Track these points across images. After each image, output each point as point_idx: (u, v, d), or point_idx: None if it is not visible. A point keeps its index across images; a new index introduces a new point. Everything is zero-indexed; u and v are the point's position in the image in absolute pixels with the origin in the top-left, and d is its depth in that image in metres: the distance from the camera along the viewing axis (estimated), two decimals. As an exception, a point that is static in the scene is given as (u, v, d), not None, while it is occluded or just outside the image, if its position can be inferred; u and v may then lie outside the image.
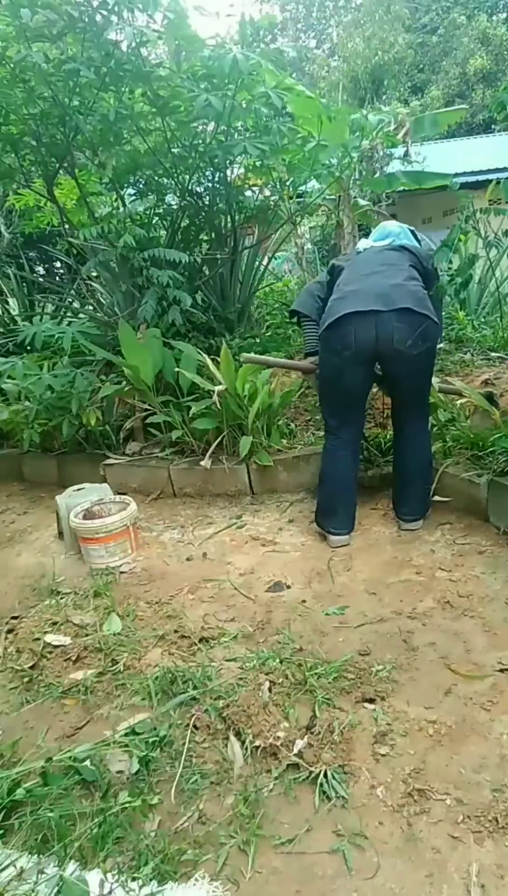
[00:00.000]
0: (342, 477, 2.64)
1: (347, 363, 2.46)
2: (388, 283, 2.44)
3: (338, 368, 2.50)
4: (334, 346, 2.48)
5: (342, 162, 3.95)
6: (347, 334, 2.41)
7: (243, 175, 4.09)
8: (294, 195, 4.41)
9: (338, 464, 2.63)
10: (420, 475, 2.65)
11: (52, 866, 1.32)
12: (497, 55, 19.30)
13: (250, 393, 3.10)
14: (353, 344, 2.41)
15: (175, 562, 2.68)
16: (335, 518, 2.63)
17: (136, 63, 3.11)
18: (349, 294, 2.46)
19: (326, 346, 2.54)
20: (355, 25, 20.94)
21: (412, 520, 2.67)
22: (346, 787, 1.47)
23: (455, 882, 1.25)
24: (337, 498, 2.63)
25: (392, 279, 2.46)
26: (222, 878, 1.30)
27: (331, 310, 2.49)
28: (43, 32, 2.94)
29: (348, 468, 2.65)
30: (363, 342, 2.40)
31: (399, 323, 2.35)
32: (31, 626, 2.25)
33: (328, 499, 2.65)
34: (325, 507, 2.66)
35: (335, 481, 2.64)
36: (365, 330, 2.38)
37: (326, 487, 2.66)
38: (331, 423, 2.66)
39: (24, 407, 3.55)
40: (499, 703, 1.69)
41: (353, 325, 2.40)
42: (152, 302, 3.48)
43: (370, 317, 2.37)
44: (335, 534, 2.62)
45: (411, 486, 2.67)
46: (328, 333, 2.49)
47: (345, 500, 2.65)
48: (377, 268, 2.54)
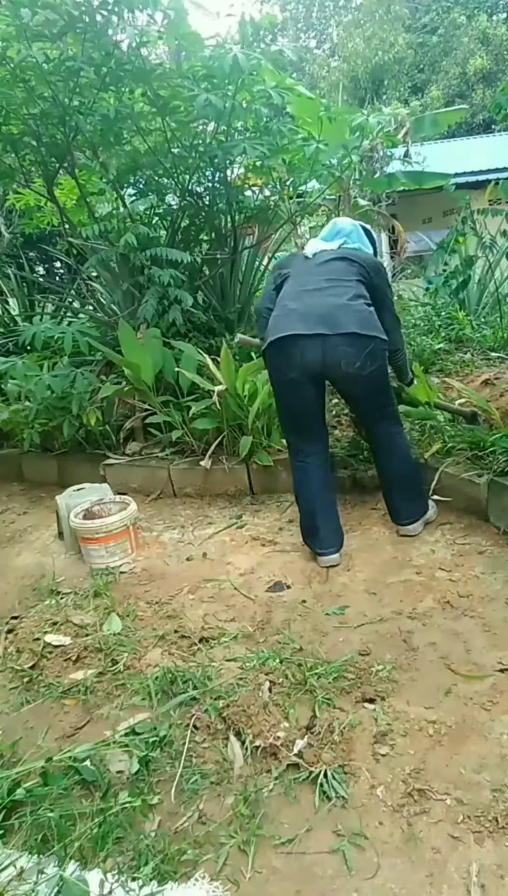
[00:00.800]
0: (314, 494, 2.51)
1: (294, 383, 2.37)
2: (333, 302, 2.32)
3: (286, 387, 2.41)
4: (279, 365, 2.38)
5: (343, 162, 3.95)
6: (291, 356, 2.31)
7: (243, 175, 4.09)
8: (294, 195, 4.41)
9: (307, 482, 2.52)
10: (404, 477, 2.57)
11: (52, 866, 1.32)
12: (497, 55, 19.32)
13: (250, 393, 3.10)
14: (299, 365, 2.32)
15: (175, 562, 2.68)
16: (317, 538, 2.50)
17: (136, 63, 3.12)
18: (292, 313, 2.34)
19: (270, 364, 2.43)
20: (355, 25, 20.95)
21: (408, 523, 2.58)
22: (346, 787, 1.47)
23: (455, 882, 1.25)
24: (316, 516, 2.50)
25: (337, 298, 2.33)
26: (222, 878, 1.30)
27: (274, 326, 2.36)
28: (43, 32, 2.94)
29: (318, 484, 2.52)
30: (309, 364, 2.30)
31: (346, 346, 2.27)
32: (31, 626, 2.25)
33: (308, 517, 2.53)
34: (307, 526, 2.54)
35: (309, 500, 2.52)
36: (311, 352, 2.28)
37: (302, 507, 2.55)
38: (290, 440, 2.57)
39: (25, 407, 3.55)
40: (499, 703, 1.69)
41: (299, 347, 2.29)
42: (153, 301, 3.48)
43: (315, 340, 2.27)
44: (322, 554, 2.49)
45: (397, 490, 2.59)
46: (270, 351, 2.38)
47: (325, 518, 2.50)
48: (320, 283, 2.39)
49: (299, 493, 2.57)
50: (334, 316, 2.29)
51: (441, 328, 4.28)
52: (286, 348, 2.32)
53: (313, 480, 2.52)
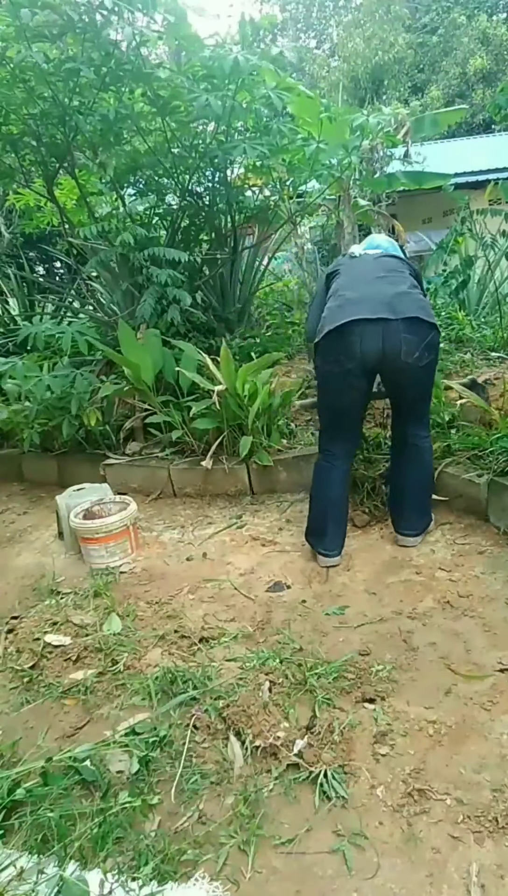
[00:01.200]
0: (333, 498, 2.49)
1: (348, 375, 2.29)
2: (393, 290, 2.29)
3: (337, 380, 2.34)
4: (335, 356, 2.29)
5: (343, 162, 3.95)
6: (351, 344, 2.23)
7: (243, 175, 4.09)
8: (294, 195, 4.41)
9: (329, 484, 2.48)
10: (421, 489, 2.51)
11: (53, 866, 1.32)
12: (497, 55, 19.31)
13: (250, 393, 3.10)
14: (358, 354, 2.23)
15: (175, 562, 2.68)
16: (324, 539, 2.49)
17: (136, 63, 3.12)
18: (351, 301, 2.29)
19: (325, 356, 2.35)
20: (355, 25, 20.94)
21: (410, 535, 2.53)
22: (346, 787, 1.47)
23: (455, 882, 1.25)
24: (327, 518, 2.48)
25: (397, 286, 2.31)
26: (222, 878, 1.30)
27: (330, 316, 2.30)
28: (43, 32, 2.94)
29: (339, 489, 2.50)
30: (368, 353, 2.23)
31: (408, 334, 2.21)
32: (31, 626, 2.25)
33: (318, 519, 2.51)
34: (315, 527, 2.52)
35: (326, 502, 2.49)
36: (371, 340, 2.21)
37: (316, 507, 2.52)
38: (324, 438, 2.53)
39: (24, 407, 3.55)
40: (499, 703, 1.69)
41: (358, 335, 2.22)
42: (151, 301, 3.48)
43: (377, 325, 2.20)
44: (324, 555, 2.48)
45: (410, 500, 2.53)
46: (327, 342, 2.30)
47: (336, 521, 2.49)
48: (379, 273, 2.39)
49: (316, 493, 2.52)
50: (395, 303, 2.24)
51: (441, 328, 4.27)
52: (346, 336, 2.23)
53: (334, 484, 2.48)
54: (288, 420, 3.43)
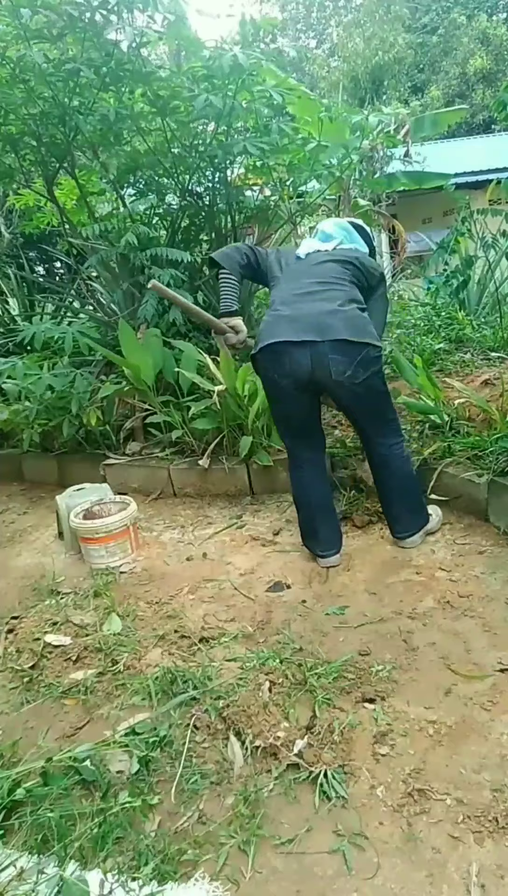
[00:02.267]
0: (313, 498, 2.48)
1: (287, 389, 2.30)
2: (324, 308, 2.24)
3: (278, 393, 2.35)
4: (270, 372, 2.31)
5: (343, 162, 3.95)
6: (281, 363, 2.25)
7: (243, 175, 4.09)
8: (294, 195, 4.41)
9: (305, 487, 2.49)
10: (402, 491, 2.49)
11: (53, 866, 1.32)
12: (497, 55, 19.32)
13: (250, 393, 3.10)
14: (290, 373, 2.24)
15: (175, 562, 2.68)
16: (317, 540, 2.49)
17: (136, 63, 3.12)
18: (282, 319, 2.27)
19: (262, 370, 2.35)
20: (355, 25, 20.95)
21: (405, 536, 2.51)
22: (346, 787, 1.47)
23: (455, 882, 1.25)
24: (315, 520, 2.48)
25: (328, 303, 2.25)
26: (222, 878, 1.30)
27: (264, 331, 2.30)
28: (43, 32, 2.94)
29: (316, 489, 2.48)
30: (299, 372, 2.23)
31: (335, 355, 2.17)
32: (31, 626, 2.25)
33: (306, 522, 2.51)
34: (306, 531, 2.52)
35: (308, 504, 2.49)
36: (300, 360, 2.20)
37: (300, 512, 2.52)
38: (286, 444, 2.52)
39: (24, 407, 3.55)
40: (499, 703, 1.69)
41: (287, 355, 2.22)
42: (153, 301, 3.48)
43: (303, 347, 2.19)
44: (322, 556, 2.48)
45: (396, 504, 2.51)
46: (261, 357, 2.31)
47: (324, 521, 2.48)
48: (312, 286, 2.31)
49: (297, 498, 2.54)
50: (324, 322, 2.20)
51: (441, 328, 4.27)
52: (277, 355, 2.25)
53: (311, 485, 2.48)
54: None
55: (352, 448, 3.07)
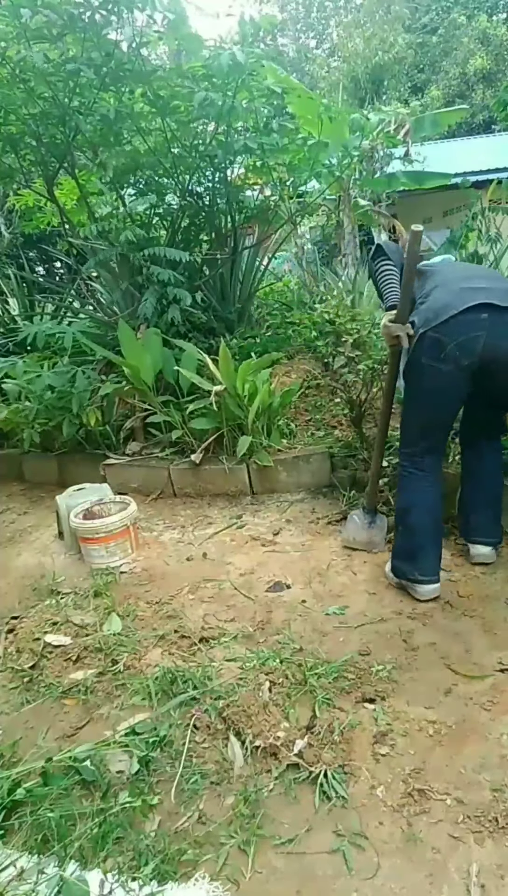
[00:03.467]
0: (431, 509, 2.18)
1: (461, 375, 2.01)
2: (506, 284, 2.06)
3: (448, 381, 2.03)
4: (450, 352, 1.97)
5: (343, 162, 3.96)
6: (473, 339, 1.95)
7: (243, 175, 4.10)
8: (294, 195, 4.41)
9: (426, 493, 2.17)
10: (499, 497, 2.33)
11: (53, 866, 1.32)
12: (498, 55, 19.30)
13: (249, 393, 3.10)
14: (478, 351, 1.96)
15: (175, 562, 2.68)
16: (425, 562, 2.16)
17: (136, 63, 3.12)
18: (467, 290, 1.99)
19: (434, 352, 2.00)
20: (355, 25, 20.94)
21: (493, 544, 2.35)
22: (346, 787, 1.47)
23: (455, 882, 1.25)
24: (426, 535, 2.17)
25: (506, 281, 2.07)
26: (222, 878, 1.30)
27: (447, 303, 1.98)
28: (43, 32, 2.94)
29: (437, 498, 2.19)
30: (488, 351, 1.96)
31: None
32: (32, 626, 2.25)
33: (418, 537, 2.17)
34: (412, 549, 2.18)
35: (425, 515, 2.17)
36: (498, 335, 1.95)
37: (413, 524, 2.18)
38: (419, 446, 2.17)
39: (25, 407, 3.55)
40: (499, 703, 1.69)
41: (483, 328, 1.94)
42: (152, 300, 3.48)
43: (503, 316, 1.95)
44: (426, 582, 2.15)
45: (491, 509, 2.34)
46: (440, 335, 1.98)
47: (437, 540, 2.20)
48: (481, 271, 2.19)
49: (412, 507, 2.19)
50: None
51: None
52: (467, 330, 1.95)
53: (434, 498, 2.19)
54: (288, 420, 3.43)
55: (353, 448, 3.07)
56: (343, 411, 3.34)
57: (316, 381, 3.70)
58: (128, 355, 3.29)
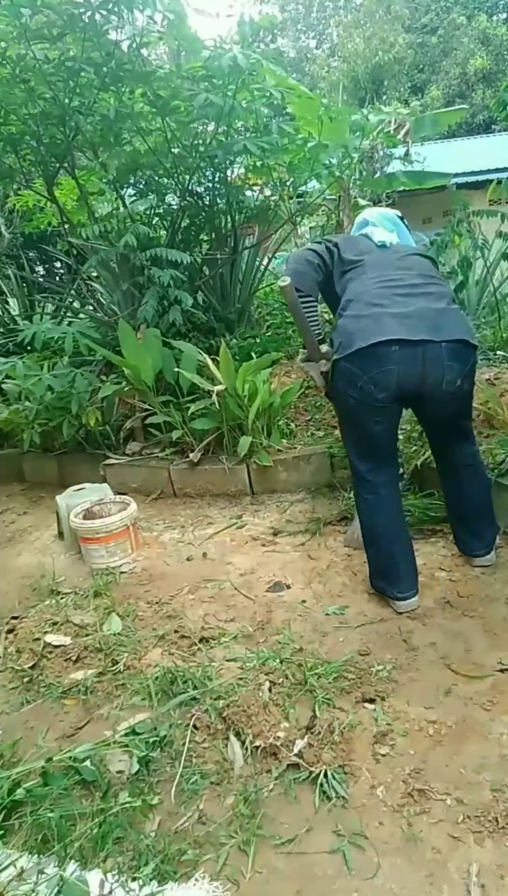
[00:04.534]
0: (393, 529, 2.13)
1: (382, 402, 1.95)
2: (433, 305, 1.95)
3: (369, 410, 1.98)
4: (363, 385, 1.93)
5: (343, 162, 3.95)
6: (386, 373, 1.89)
7: (243, 175, 4.10)
8: (294, 195, 4.40)
9: (384, 518, 2.13)
10: (483, 504, 2.26)
11: (53, 866, 1.31)
12: (498, 55, 19.32)
13: (250, 393, 3.10)
14: (394, 385, 1.91)
15: (175, 562, 2.68)
16: (396, 579, 2.11)
17: (136, 63, 3.12)
18: (386, 315, 1.92)
19: (350, 382, 1.96)
20: (355, 25, 20.94)
21: (485, 553, 2.31)
22: (346, 787, 1.47)
23: (455, 882, 1.25)
24: (396, 555, 2.12)
25: (437, 301, 1.97)
26: (222, 878, 1.30)
27: (357, 331, 1.94)
28: (43, 32, 2.94)
29: (396, 516, 2.15)
30: (405, 383, 1.90)
31: (452, 361, 1.90)
32: (32, 626, 2.25)
33: (386, 559, 2.14)
34: (384, 569, 2.15)
35: (388, 537, 2.13)
36: (410, 367, 1.88)
37: (379, 547, 2.15)
38: (361, 469, 2.13)
39: (25, 407, 3.55)
40: (499, 703, 1.69)
41: (395, 362, 1.88)
42: (153, 302, 3.48)
43: (416, 349, 1.87)
44: (402, 598, 2.11)
45: (476, 518, 2.28)
46: (352, 366, 1.93)
47: (404, 555, 2.14)
48: (414, 280, 2.02)
49: (373, 532, 2.15)
50: (438, 321, 1.92)
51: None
52: (380, 359, 1.89)
53: (389, 513, 2.13)
54: (288, 420, 3.43)
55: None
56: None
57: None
58: (128, 356, 3.29)
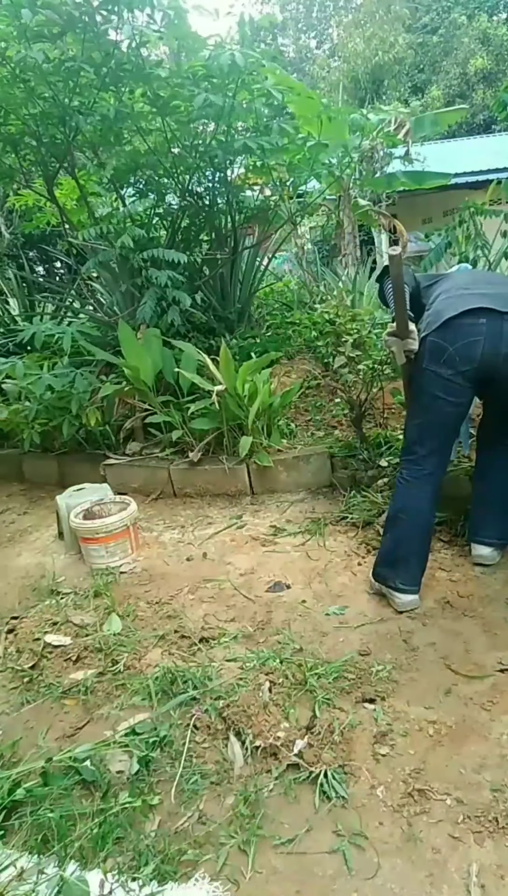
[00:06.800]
0: (422, 517, 2.13)
1: (461, 381, 1.99)
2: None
3: (447, 386, 2.01)
4: (448, 357, 1.96)
5: (343, 162, 3.96)
6: (471, 345, 1.94)
7: (243, 175, 4.10)
8: (294, 195, 4.41)
9: (420, 501, 2.12)
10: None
11: (53, 866, 1.32)
12: (498, 55, 19.31)
13: (250, 393, 3.10)
14: (478, 357, 1.95)
15: (175, 562, 2.68)
16: (406, 569, 2.11)
17: (136, 63, 3.12)
18: (469, 295, 1.99)
19: (435, 357, 1.99)
20: (355, 25, 20.93)
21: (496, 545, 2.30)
22: (346, 787, 1.47)
23: (455, 882, 1.25)
24: (413, 543, 2.12)
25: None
26: (222, 878, 1.30)
27: (446, 308, 1.99)
28: (43, 32, 2.94)
29: (430, 507, 2.14)
30: (488, 357, 1.95)
31: None
32: (32, 626, 2.25)
33: (402, 543, 2.12)
34: (395, 555, 2.13)
35: (413, 522, 2.11)
36: (495, 341, 1.93)
37: (400, 529, 2.13)
38: (418, 451, 2.12)
39: (25, 407, 3.55)
40: (499, 703, 1.69)
41: (481, 334, 1.94)
42: (151, 302, 3.48)
43: (504, 322, 1.94)
44: (405, 591, 2.11)
45: (499, 509, 2.28)
46: (440, 339, 1.98)
47: (421, 548, 2.14)
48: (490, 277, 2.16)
49: (402, 512, 2.14)
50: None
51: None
52: (466, 334, 1.94)
53: (424, 500, 2.13)
54: (288, 420, 3.43)
55: (353, 448, 3.06)
56: (343, 411, 3.34)
57: (316, 381, 3.70)
58: (128, 356, 3.29)
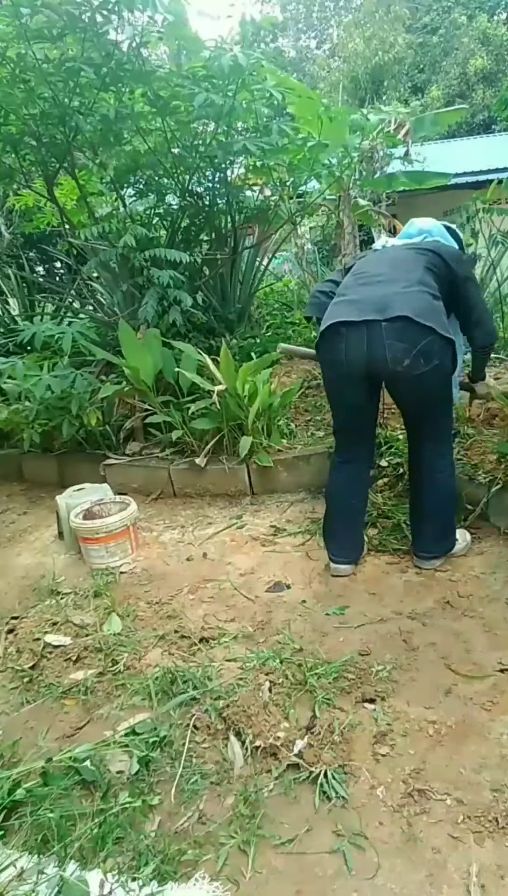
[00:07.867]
0: (339, 498, 2.39)
1: (343, 380, 2.21)
2: (388, 290, 2.09)
3: (335, 383, 2.27)
4: (326, 358, 2.24)
5: (343, 162, 3.96)
6: (337, 350, 2.14)
7: (243, 175, 4.10)
8: (294, 195, 4.41)
9: (336, 485, 2.40)
10: (438, 512, 2.30)
11: (53, 866, 1.31)
12: (498, 55, 19.32)
13: (250, 393, 3.10)
14: (344, 361, 2.13)
15: (175, 562, 2.68)
16: (333, 542, 2.41)
17: (136, 63, 3.12)
18: (343, 303, 2.18)
19: (321, 357, 2.29)
20: (355, 25, 20.93)
21: (427, 558, 2.36)
22: (346, 787, 1.47)
23: (455, 882, 1.25)
24: (335, 519, 2.40)
25: (394, 285, 2.10)
26: (222, 878, 1.30)
27: (326, 315, 2.21)
28: (43, 32, 2.94)
29: (346, 490, 2.38)
30: (353, 359, 2.10)
31: (391, 339, 2.01)
32: (31, 626, 2.25)
33: (328, 518, 2.43)
34: (326, 527, 2.45)
35: (334, 503, 2.41)
36: (355, 345, 2.08)
37: (327, 508, 2.44)
38: (336, 439, 2.44)
39: (25, 407, 3.55)
40: (499, 703, 1.68)
41: (343, 340, 2.11)
42: (153, 302, 3.48)
43: (360, 329, 2.06)
44: (334, 560, 2.39)
45: (426, 523, 2.34)
46: (320, 343, 2.24)
47: (345, 524, 2.39)
48: (381, 270, 2.20)
49: (327, 493, 2.45)
50: (385, 302, 2.05)
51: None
52: (332, 339, 2.15)
53: (344, 484, 2.38)
54: (288, 420, 3.43)
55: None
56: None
57: (316, 381, 3.70)
58: (128, 356, 3.29)
